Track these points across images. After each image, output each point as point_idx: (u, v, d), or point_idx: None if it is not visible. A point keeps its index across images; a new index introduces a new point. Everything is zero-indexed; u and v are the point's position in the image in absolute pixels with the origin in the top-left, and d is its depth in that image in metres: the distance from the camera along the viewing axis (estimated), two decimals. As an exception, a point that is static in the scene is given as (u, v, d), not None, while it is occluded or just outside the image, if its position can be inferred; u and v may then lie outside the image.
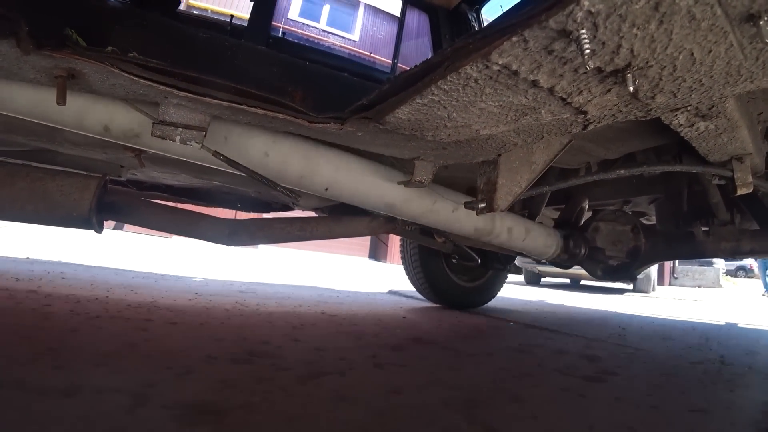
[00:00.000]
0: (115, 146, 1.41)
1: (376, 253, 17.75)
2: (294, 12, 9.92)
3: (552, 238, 2.12)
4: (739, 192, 1.42)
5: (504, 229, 1.86)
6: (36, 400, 0.86)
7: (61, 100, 0.96)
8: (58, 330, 1.41)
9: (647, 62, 0.74)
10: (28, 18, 0.82)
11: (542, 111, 0.95)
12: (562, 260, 2.25)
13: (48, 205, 1.20)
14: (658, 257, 2.22)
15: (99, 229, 1.29)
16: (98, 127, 1.14)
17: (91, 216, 1.23)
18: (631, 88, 0.77)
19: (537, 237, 2.03)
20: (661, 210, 2.29)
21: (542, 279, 9.98)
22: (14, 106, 1.09)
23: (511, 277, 12.79)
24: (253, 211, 2.66)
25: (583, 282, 10.26)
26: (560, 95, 0.86)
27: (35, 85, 1.06)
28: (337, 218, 1.92)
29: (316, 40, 7.75)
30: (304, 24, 9.68)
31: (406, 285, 3.68)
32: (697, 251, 2.09)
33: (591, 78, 0.80)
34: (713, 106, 1.03)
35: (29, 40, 0.82)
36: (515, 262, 3.33)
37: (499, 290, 3.57)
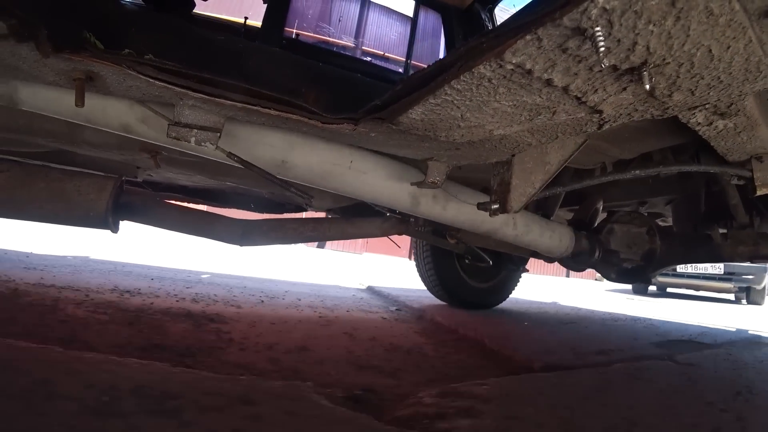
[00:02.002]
0: (131, 147, 1.43)
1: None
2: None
3: (565, 240, 2.09)
4: (759, 192, 1.39)
5: (516, 229, 1.84)
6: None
7: (80, 102, 0.97)
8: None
9: (664, 59, 0.73)
10: (47, 22, 0.83)
11: (556, 110, 0.94)
12: (575, 263, 2.22)
13: (66, 204, 1.22)
14: (674, 260, 2.18)
15: (115, 228, 1.31)
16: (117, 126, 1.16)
17: (108, 216, 1.25)
18: (648, 86, 0.76)
19: (550, 238, 2.01)
20: (678, 211, 2.25)
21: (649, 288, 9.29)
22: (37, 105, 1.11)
23: (613, 285, 11.77)
24: (267, 212, 2.68)
25: (702, 293, 9.43)
26: (575, 94, 0.85)
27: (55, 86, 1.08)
28: (349, 219, 1.93)
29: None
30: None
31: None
32: (714, 255, 2.05)
33: (606, 76, 0.79)
34: (732, 104, 1.01)
35: (48, 43, 0.84)
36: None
37: (512, 291, 3.54)
